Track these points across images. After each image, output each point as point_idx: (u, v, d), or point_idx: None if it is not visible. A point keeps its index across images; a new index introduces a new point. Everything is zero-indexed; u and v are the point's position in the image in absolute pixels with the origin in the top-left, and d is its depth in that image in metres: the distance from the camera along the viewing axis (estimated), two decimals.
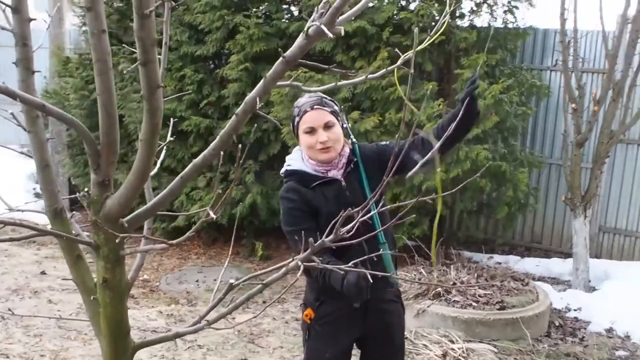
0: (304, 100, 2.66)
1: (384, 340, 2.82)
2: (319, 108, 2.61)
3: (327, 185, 2.66)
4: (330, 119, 2.62)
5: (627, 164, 6.99)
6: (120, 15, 7.88)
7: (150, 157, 1.57)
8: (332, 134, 2.61)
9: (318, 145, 2.60)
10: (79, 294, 5.34)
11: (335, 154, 2.66)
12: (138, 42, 1.39)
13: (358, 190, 2.68)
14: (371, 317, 2.74)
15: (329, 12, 1.39)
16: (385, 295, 2.77)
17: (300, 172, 2.70)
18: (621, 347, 4.97)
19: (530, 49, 7.46)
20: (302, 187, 2.66)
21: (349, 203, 2.57)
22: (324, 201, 2.64)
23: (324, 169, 2.68)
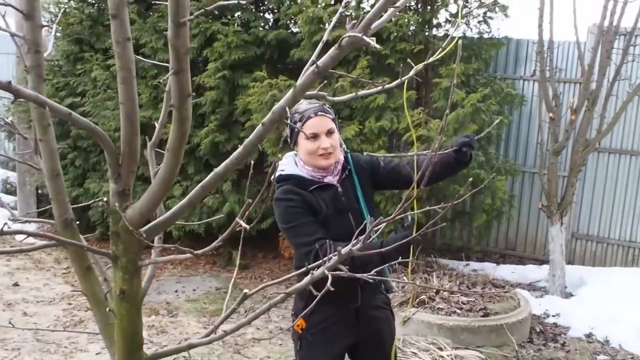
0: (306, 107, 2.63)
1: (376, 347, 2.83)
2: (323, 115, 2.61)
3: (324, 190, 2.67)
4: (332, 126, 2.64)
5: (598, 172, 7.15)
6: (92, 21, 7.78)
7: (177, 167, 1.55)
8: (334, 140, 2.64)
9: (320, 151, 2.61)
10: (54, 306, 5.23)
11: (335, 160, 2.68)
12: (172, 50, 1.37)
13: (352, 197, 2.72)
14: (362, 324, 2.75)
15: (363, 23, 1.38)
16: (375, 301, 2.80)
17: (296, 177, 2.68)
18: (601, 351, 5.06)
19: (504, 59, 7.58)
20: (300, 189, 2.65)
21: (345, 208, 2.68)
22: (322, 204, 2.64)
23: (320, 174, 2.69)
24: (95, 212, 7.49)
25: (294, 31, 7.18)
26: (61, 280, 6.44)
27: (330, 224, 2.62)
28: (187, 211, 1.63)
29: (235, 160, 1.62)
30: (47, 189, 1.80)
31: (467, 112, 6.02)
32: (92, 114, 7.31)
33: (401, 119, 6.20)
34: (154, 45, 7.08)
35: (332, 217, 2.64)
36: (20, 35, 1.72)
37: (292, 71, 7.17)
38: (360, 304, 2.71)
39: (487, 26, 6.86)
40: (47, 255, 7.28)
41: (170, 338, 5.01)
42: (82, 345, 4.76)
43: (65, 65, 7.98)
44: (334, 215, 2.64)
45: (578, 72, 6.78)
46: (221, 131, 6.94)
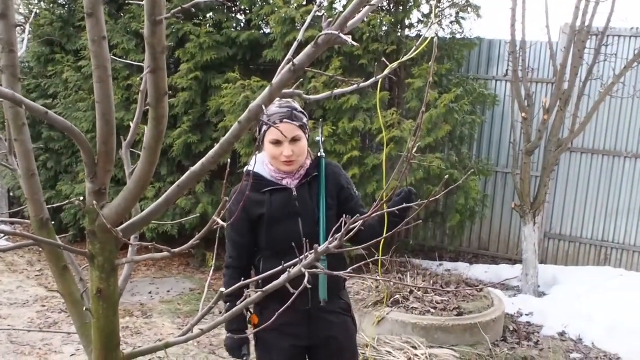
0: (275, 110, 2.61)
1: (332, 353, 2.80)
2: (288, 122, 2.59)
3: (278, 192, 2.69)
4: (298, 134, 2.62)
5: (570, 172, 7.26)
6: (63, 22, 7.70)
7: (153, 165, 1.55)
8: (298, 148, 2.64)
9: (282, 157, 2.63)
10: (28, 309, 5.17)
11: (298, 166, 2.69)
12: (149, 48, 1.37)
13: (309, 202, 2.70)
14: (315, 327, 2.73)
15: (339, 21, 1.40)
16: (331, 306, 2.72)
17: (257, 175, 2.72)
18: (574, 349, 5.14)
19: (476, 59, 7.66)
20: (252, 192, 2.69)
21: (295, 212, 2.67)
22: (269, 207, 2.66)
23: (280, 176, 2.71)
24: (67, 213, 7.41)
25: (267, 32, 7.18)
26: (34, 283, 6.36)
27: (275, 226, 2.65)
28: (164, 210, 1.63)
29: (212, 159, 1.62)
30: (23, 189, 1.79)
31: (440, 112, 6.08)
32: (64, 115, 7.23)
33: (374, 119, 6.24)
34: (125, 47, 7.03)
35: (279, 219, 2.66)
36: None
37: (264, 72, 7.17)
38: (310, 306, 2.68)
39: (460, 26, 6.94)
40: (19, 257, 7.19)
41: (145, 339, 4.98)
42: (57, 347, 4.72)
43: (36, 67, 7.89)
44: (281, 217, 2.66)
45: (550, 72, 6.88)
46: (194, 132, 6.91)
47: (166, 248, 1.60)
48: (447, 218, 6.69)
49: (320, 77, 6.34)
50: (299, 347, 2.76)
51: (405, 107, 6.60)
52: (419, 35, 6.93)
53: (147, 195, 6.94)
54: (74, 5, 7.78)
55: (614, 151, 7.08)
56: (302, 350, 2.77)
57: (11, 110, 1.71)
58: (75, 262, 1.94)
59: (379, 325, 4.88)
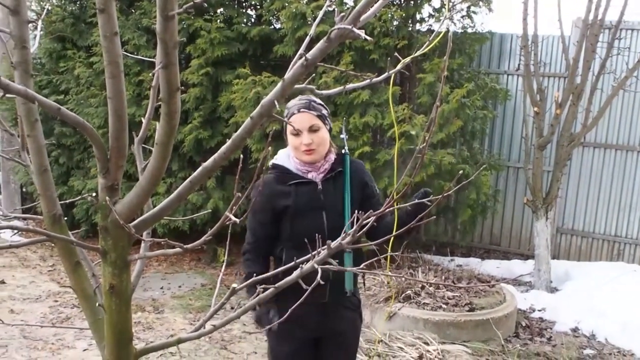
0: (294, 103, 2.70)
1: (337, 347, 2.87)
2: (305, 111, 2.65)
3: (304, 185, 2.73)
4: (316, 123, 2.66)
5: (583, 166, 7.21)
6: (74, 18, 7.71)
7: (165, 161, 1.55)
8: (317, 137, 2.67)
9: (302, 147, 2.66)
10: (41, 303, 5.21)
11: (319, 156, 2.72)
12: (160, 44, 1.36)
13: (333, 197, 2.73)
14: (327, 320, 2.79)
15: (352, 15, 1.39)
16: (343, 301, 2.81)
17: (281, 167, 2.76)
18: (588, 345, 5.11)
19: (488, 54, 7.62)
20: (277, 185, 2.73)
21: (320, 207, 2.70)
22: (294, 199, 2.70)
23: (306, 169, 2.74)
24: (79, 209, 7.44)
25: (277, 27, 7.17)
26: (47, 278, 6.40)
27: (299, 218, 2.69)
28: (176, 206, 1.63)
29: (224, 155, 1.62)
30: (35, 184, 1.79)
31: (452, 107, 6.06)
32: (75, 111, 7.25)
33: (385, 114, 6.21)
34: (136, 42, 7.04)
35: (303, 212, 2.69)
36: (7, 31, 1.71)
37: (275, 67, 7.16)
38: (327, 300, 2.71)
39: (471, 21, 6.89)
40: (32, 253, 7.24)
41: (156, 334, 5.00)
42: (69, 342, 4.74)
43: (48, 63, 7.92)
44: (306, 210, 2.70)
45: (563, 66, 6.84)
46: (205, 128, 6.92)
47: (179, 244, 1.59)
48: (459, 213, 6.66)
49: (331, 72, 6.32)
50: (310, 339, 2.83)
51: (417, 102, 6.57)
52: (430, 29, 6.90)
53: (159, 191, 6.97)
54: (85, 2, 7.80)
55: (627, 145, 7.03)
56: (312, 341, 2.85)
57: (24, 107, 1.71)
58: (88, 258, 1.94)
59: (390, 321, 4.88)
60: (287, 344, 2.78)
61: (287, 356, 2.79)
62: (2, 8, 1.60)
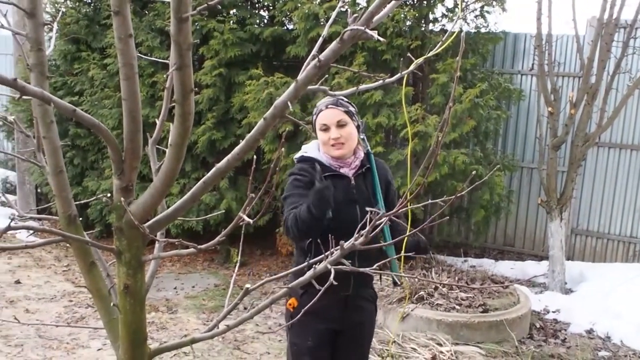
0: (323, 101, 2.82)
1: (355, 338, 2.95)
2: (333, 107, 2.77)
3: (337, 179, 2.80)
4: (343, 118, 2.77)
5: (598, 167, 7.16)
6: (88, 20, 7.76)
7: (179, 162, 1.56)
8: (344, 131, 2.76)
9: (331, 141, 2.76)
10: (56, 303, 5.24)
11: (348, 151, 2.81)
12: (175, 45, 1.37)
13: (365, 191, 2.83)
14: (349, 312, 2.87)
15: (365, 16, 1.39)
16: (364, 293, 2.93)
17: (315, 160, 2.83)
18: (603, 347, 5.07)
19: (501, 53, 7.58)
20: (314, 171, 2.75)
21: (353, 200, 2.78)
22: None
23: (338, 164, 2.83)
24: (93, 210, 7.49)
25: (290, 28, 7.18)
26: (62, 278, 6.45)
27: (337, 210, 2.71)
28: (190, 206, 1.64)
29: (237, 156, 1.62)
30: (51, 185, 1.81)
31: (465, 107, 6.04)
32: (90, 112, 7.29)
33: (398, 115, 6.20)
34: (150, 44, 7.07)
35: (338, 204, 2.73)
36: (23, 34, 1.73)
37: (287, 68, 7.17)
38: (350, 292, 2.80)
39: (484, 20, 6.86)
40: (47, 253, 7.29)
41: (170, 334, 5.02)
42: (84, 341, 4.77)
43: (62, 65, 7.97)
44: (341, 203, 2.75)
45: (577, 66, 6.79)
46: (218, 129, 6.94)
47: (192, 244, 1.60)
48: (472, 214, 6.63)
49: (344, 72, 6.32)
50: (332, 330, 2.89)
51: (430, 103, 6.56)
52: (443, 29, 6.89)
53: (172, 192, 6.99)
54: (99, 4, 7.84)
55: None
56: (333, 333, 2.90)
57: (40, 108, 1.73)
58: (103, 258, 1.95)
59: (404, 322, 4.87)
60: (309, 336, 2.83)
61: (309, 349, 2.83)
62: (18, 11, 1.61)
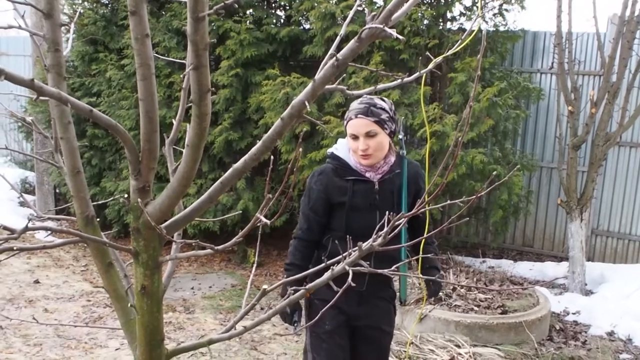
0: (354, 106, 2.73)
1: (371, 339, 2.92)
2: (362, 117, 2.67)
3: (361, 183, 2.77)
4: (372, 129, 2.67)
5: (619, 167, 7.07)
6: (106, 21, 7.80)
7: (196, 163, 1.55)
8: (373, 142, 2.69)
9: (359, 151, 2.72)
10: (74, 303, 5.27)
11: (376, 161, 2.76)
12: (191, 45, 1.36)
13: (389, 198, 2.78)
14: (363, 310, 2.85)
15: (383, 14, 1.37)
16: (380, 292, 2.90)
17: (343, 161, 2.81)
18: (624, 350, 5.00)
19: (520, 52, 7.52)
20: (335, 177, 2.79)
21: (375, 205, 2.75)
22: (351, 195, 2.76)
23: (365, 168, 2.79)
24: (112, 210, 7.52)
25: (306, 28, 7.17)
26: (80, 278, 6.48)
27: (355, 214, 2.74)
28: (207, 207, 1.64)
29: (254, 156, 1.61)
30: (68, 186, 1.81)
31: (483, 106, 5.99)
32: (107, 113, 7.33)
33: (416, 114, 6.16)
34: (167, 44, 7.08)
35: (358, 209, 2.75)
36: (40, 35, 1.73)
37: (304, 68, 7.16)
38: (364, 289, 2.78)
39: (503, 19, 6.80)
40: (65, 253, 7.34)
41: (187, 334, 5.03)
42: (102, 341, 4.79)
43: (80, 66, 8.02)
44: (361, 208, 2.75)
45: (598, 64, 6.71)
46: (234, 129, 6.94)
47: (209, 245, 1.59)
48: (490, 214, 6.57)
49: (361, 72, 6.30)
50: (347, 322, 2.87)
51: (447, 102, 6.51)
52: (461, 28, 6.84)
53: (189, 192, 7.00)
54: (116, 5, 7.88)
55: None
56: (349, 326, 2.89)
57: (57, 109, 1.73)
58: (120, 259, 1.95)
59: (421, 323, 4.84)
60: (326, 320, 2.82)
61: (327, 333, 2.83)
62: (36, 12, 1.61)
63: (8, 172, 9.85)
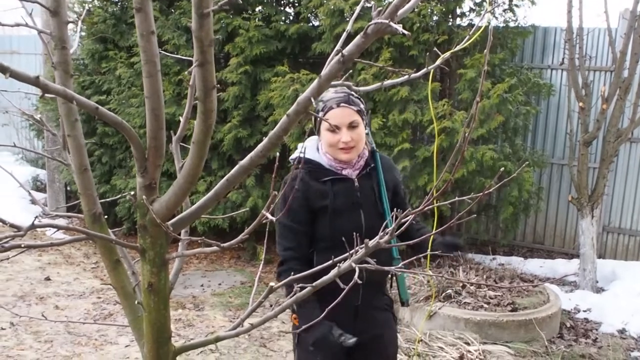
0: (331, 96, 2.51)
1: (376, 351, 2.69)
2: (345, 106, 2.48)
3: (339, 182, 2.57)
4: (356, 119, 2.50)
5: (630, 163, 7.02)
6: (115, 19, 7.82)
7: (202, 160, 1.54)
8: (356, 134, 2.50)
9: (340, 144, 2.50)
10: (84, 300, 5.30)
11: (356, 154, 2.57)
12: (196, 42, 1.35)
13: (370, 195, 2.60)
14: (360, 324, 2.61)
15: (389, 10, 1.36)
16: (376, 302, 2.68)
17: (314, 163, 2.58)
18: (635, 347, 4.97)
19: (531, 48, 7.47)
20: (311, 180, 2.55)
21: (358, 204, 2.56)
22: (332, 197, 2.54)
23: (340, 166, 2.58)
24: (122, 207, 7.55)
25: (315, 24, 7.16)
26: (90, 275, 6.52)
27: (340, 217, 2.53)
28: (214, 204, 1.63)
29: (260, 153, 1.60)
30: (76, 183, 1.81)
31: (493, 102, 5.96)
32: (117, 111, 7.36)
33: (425, 111, 6.15)
34: (176, 42, 7.10)
35: (342, 211, 2.54)
36: (47, 32, 1.73)
37: (313, 65, 7.16)
38: (360, 302, 2.59)
39: (513, 14, 6.77)
40: (76, 250, 7.38)
41: (197, 331, 5.04)
42: (112, 338, 4.82)
43: (90, 64, 8.05)
44: (344, 209, 2.54)
45: (609, 60, 6.67)
46: (244, 126, 6.94)
47: (215, 242, 1.59)
48: (500, 211, 6.54)
49: (369, 68, 6.28)
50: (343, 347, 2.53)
51: (457, 98, 6.49)
52: (471, 24, 6.80)
53: (199, 189, 7.03)
54: (126, 3, 7.90)
55: None
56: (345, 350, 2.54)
57: (64, 107, 1.73)
58: (128, 256, 1.95)
59: (431, 320, 4.83)
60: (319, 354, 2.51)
61: None
62: (44, 10, 1.61)
63: (20, 170, 9.91)
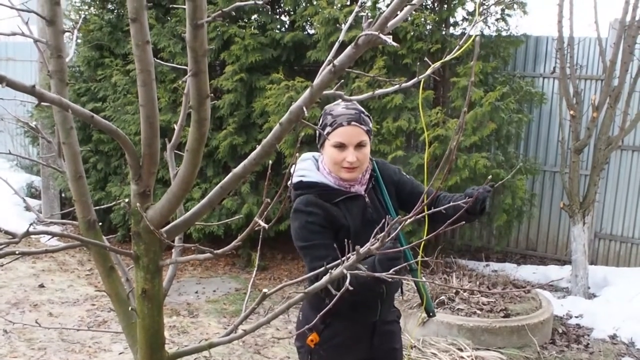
0: (341, 111, 2.44)
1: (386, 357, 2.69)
2: (356, 125, 2.41)
3: (351, 201, 2.49)
4: (364, 139, 2.43)
5: (621, 170, 7.07)
6: (111, 27, 7.84)
7: (196, 167, 1.57)
8: (362, 154, 2.44)
9: (345, 163, 2.42)
10: (78, 307, 5.30)
11: (359, 174, 2.50)
12: (190, 52, 1.38)
13: (379, 208, 2.55)
14: (378, 339, 2.62)
15: (379, 21, 1.39)
16: (390, 316, 2.68)
17: (321, 185, 2.48)
18: (626, 353, 5.00)
19: (523, 56, 7.53)
20: (324, 202, 2.44)
21: (372, 220, 2.47)
22: (349, 217, 2.46)
23: (348, 183, 2.50)
24: (117, 214, 7.56)
25: (310, 33, 7.20)
26: (85, 282, 6.52)
27: (359, 237, 2.33)
28: (207, 211, 1.65)
29: (253, 161, 1.63)
30: (71, 190, 1.83)
31: (485, 110, 6.01)
32: (113, 118, 7.38)
33: (418, 119, 6.19)
34: (172, 50, 7.13)
35: (360, 230, 2.45)
36: (43, 41, 1.76)
37: (308, 73, 7.20)
38: (378, 318, 2.58)
39: (505, 23, 6.83)
40: (70, 257, 7.38)
41: (191, 338, 5.05)
42: (106, 345, 4.82)
43: (86, 71, 8.07)
44: (361, 228, 2.45)
45: (599, 69, 6.73)
46: (239, 134, 6.97)
47: (209, 249, 1.61)
48: (494, 218, 6.58)
49: (363, 77, 6.32)
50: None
51: (450, 106, 6.54)
52: (464, 33, 6.85)
53: (194, 196, 7.04)
54: (122, 10, 7.93)
55: None
56: None
57: (59, 114, 1.76)
58: (122, 263, 1.98)
59: (424, 327, 4.85)
60: None
61: None
62: (39, 20, 1.64)
63: (15, 177, 9.92)
